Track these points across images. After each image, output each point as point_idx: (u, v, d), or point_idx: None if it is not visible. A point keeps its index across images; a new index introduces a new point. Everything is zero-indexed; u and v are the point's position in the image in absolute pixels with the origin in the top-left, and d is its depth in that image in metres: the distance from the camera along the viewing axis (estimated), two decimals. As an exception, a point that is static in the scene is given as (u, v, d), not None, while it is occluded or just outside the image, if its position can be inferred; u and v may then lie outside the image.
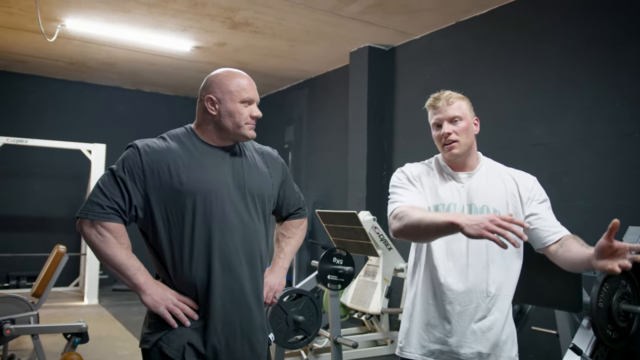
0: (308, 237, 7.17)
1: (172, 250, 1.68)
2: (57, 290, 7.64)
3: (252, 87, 1.79)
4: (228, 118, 1.73)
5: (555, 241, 1.79)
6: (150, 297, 1.66)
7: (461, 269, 1.78)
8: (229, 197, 1.73)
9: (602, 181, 3.87)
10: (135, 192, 1.67)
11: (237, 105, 1.74)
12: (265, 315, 1.87)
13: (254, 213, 1.79)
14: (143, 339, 1.71)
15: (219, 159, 1.76)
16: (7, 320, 3.54)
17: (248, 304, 1.75)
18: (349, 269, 3.60)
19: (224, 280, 1.69)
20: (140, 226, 1.74)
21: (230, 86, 1.74)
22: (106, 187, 1.66)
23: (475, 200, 1.81)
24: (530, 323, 3.66)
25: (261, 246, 1.81)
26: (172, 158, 1.70)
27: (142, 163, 1.67)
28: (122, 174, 1.67)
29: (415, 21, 5.23)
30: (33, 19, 5.21)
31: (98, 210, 1.64)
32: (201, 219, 1.68)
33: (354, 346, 3.56)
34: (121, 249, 1.66)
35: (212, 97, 1.74)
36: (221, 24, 5.44)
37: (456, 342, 1.77)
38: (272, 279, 1.94)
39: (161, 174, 1.68)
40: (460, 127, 1.83)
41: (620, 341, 2.74)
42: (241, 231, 1.74)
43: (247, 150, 1.88)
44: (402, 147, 5.79)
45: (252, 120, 1.78)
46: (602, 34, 3.96)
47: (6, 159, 7.47)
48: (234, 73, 1.79)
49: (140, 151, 1.69)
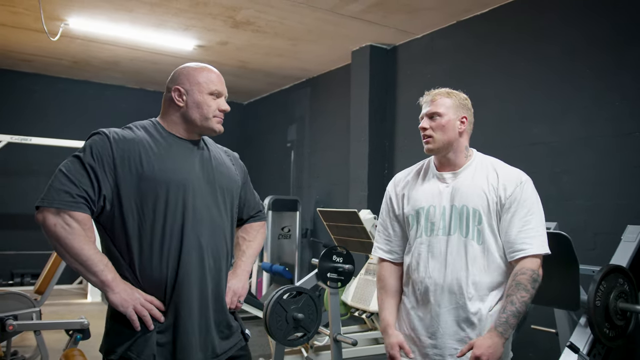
0: (310, 235, 7.20)
1: (140, 244, 1.58)
2: (61, 288, 7.69)
3: (220, 81, 1.76)
4: (195, 109, 1.70)
5: (512, 259, 1.79)
6: (118, 296, 1.54)
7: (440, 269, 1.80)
8: (200, 191, 1.68)
9: (602, 180, 3.87)
10: (104, 181, 1.55)
11: (205, 96, 1.71)
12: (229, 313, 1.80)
13: (222, 208, 1.75)
14: (109, 348, 1.60)
15: (188, 152, 1.71)
16: (9, 316, 3.58)
17: (212, 301, 1.69)
18: (349, 267, 3.61)
19: (193, 276, 1.63)
20: (102, 222, 1.61)
21: (198, 78, 1.71)
22: (73, 174, 1.53)
23: (456, 200, 1.83)
24: (530, 322, 3.68)
25: (228, 243, 1.78)
26: (142, 147, 1.62)
27: (113, 151, 1.57)
28: (91, 160, 1.55)
29: (416, 20, 5.23)
30: (36, 18, 5.24)
31: (66, 199, 1.50)
32: (173, 210, 1.61)
33: (353, 344, 3.58)
34: (88, 243, 1.53)
35: (179, 88, 1.71)
36: (223, 23, 5.46)
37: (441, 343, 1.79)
38: (235, 284, 1.85)
39: (132, 163, 1.58)
40: (436, 123, 1.87)
41: (618, 339, 2.75)
42: (210, 226, 1.69)
43: (212, 147, 1.85)
44: (403, 146, 5.80)
45: (220, 113, 1.75)
46: (603, 33, 3.96)
47: (10, 157, 7.52)
48: (202, 66, 1.76)
49: (110, 138, 1.59)
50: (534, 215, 1.80)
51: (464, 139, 1.91)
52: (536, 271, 1.74)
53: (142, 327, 1.58)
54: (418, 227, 1.87)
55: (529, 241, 1.76)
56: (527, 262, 1.75)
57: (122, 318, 1.57)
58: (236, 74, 7.59)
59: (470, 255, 1.78)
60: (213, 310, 1.70)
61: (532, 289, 1.73)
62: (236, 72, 7.45)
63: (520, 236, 1.77)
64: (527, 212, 1.79)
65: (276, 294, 3.32)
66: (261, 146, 9.00)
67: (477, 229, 1.79)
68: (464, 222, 1.80)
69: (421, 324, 1.83)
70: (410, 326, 1.88)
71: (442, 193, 1.86)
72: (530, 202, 1.81)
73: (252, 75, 7.66)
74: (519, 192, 1.81)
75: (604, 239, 3.79)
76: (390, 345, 1.85)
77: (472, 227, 1.79)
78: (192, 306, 1.63)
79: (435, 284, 1.79)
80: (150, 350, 1.57)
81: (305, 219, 7.28)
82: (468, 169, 1.89)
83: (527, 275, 1.72)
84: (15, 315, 3.62)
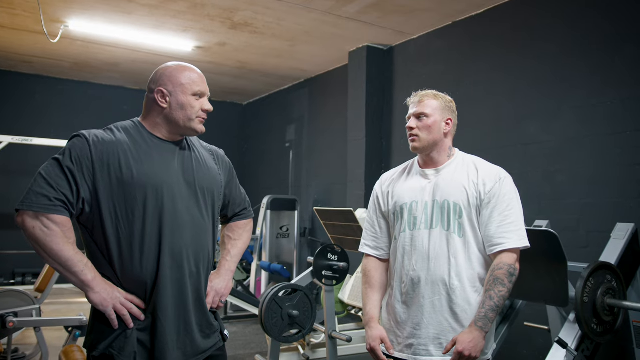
0: (308, 234, 7.25)
1: (119, 247, 1.60)
2: (61, 287, 7.73)
3: (202, 81, 1.75)
4: (179, 111, 1.70)
5: (491, 253, 1.86)
6: (98, 295, 1.56)
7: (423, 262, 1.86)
8: (180, 193, 1.68)
9: (595, 179, 3.92)
10: (83, 184, 1.57)
11: (189, 97, 1.70)
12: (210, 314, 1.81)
13: (203, 210, 1.75)
14: (92, 344, 1.62)
15: (169, 154, 1.72)
16: (10, 313, 3.64)
17: (192, 302, 1.71)
18: (344, 265, 3.66)
19: (172, 278, 1.65)
20: (82, 222, 1.63)
21: (181, 79, 1.70)
22: (51, 178, 1.55)
23: (437, 195, 1.89)
24: (523, 319, 3.72)
25: (209, 244, 1.78)
26: (122, 150, 1.63)
27: (92, 154, 1.59)
28: (70, 164, 1.56)
29: (412, 21, 5.28)
30: (37, 20, 5.30)
31: (44, 202, 1.52)
32: (152, 214, 1.62)
33: (348, 340, 3.63)
34: (67, 244, 1.54)
35: (162, 89, 1.70)
36: (221, 24, 5.52)
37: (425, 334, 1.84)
38: (218, 283, 1.85)
39: (111, 167, 1.60)
40: (423, 123, 1.93)
41: (606, 335, 2.79)
42: (191, 228, 1.70)
43: (195, 147, 1.84)
44: (400, 145, 5.85)
45: (203, 113, 1.74)
46: (596, 33, 4.01)
47: (12, 157, 7.57)
48: (184, 66, 1.75)
49: (89, 141, 1.60)
50: (513, 210, 1.85)
51: (448, 140, 1.98)
52: (513, 265, 1.80)
53: (122, 325, 1.60)
54: (402, 222, 1.93)
55: (507, 235, 1.82)
56: (504, 257, 1.81)
57: (104, 316, 1.59)
58: (235, 75, 7.65)
59: (452, 248, 1.84)
60: (194, 311, 1.71)
61: (510, 283, 1.78)
62: (235, 72, 7.50)
63: (499, 230, 1.83)
64: (506, 207, 1.85)
65: (272, 291, 3.37)
66: (260, 146, 9.06)
67: (458, 222, 1.85)
68: (445, 216, 1.86)
69: (405, 316, 1.89)
70: (395, 319, 1.93)
71: (425, 189, 1.93)
72: (509, 197, 1.87)
73: (251, 76, 7.71)
74: (498, 187, 1.87)
75: (596, 237, 3.83)
76: (372, 338, 1.90)
77: (453, 221, 1.85)
78: (170, 307, 1.64)
79: (419, 277, 1.85)
80: (131, 348, 1.59)
81: (303, 218, 7.33)
82: (450, 166, 1.95)
83: (504, 270, 1.78)
84: (15, 312, 3.68)
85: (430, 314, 1.84)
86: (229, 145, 8.84)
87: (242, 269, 6.72)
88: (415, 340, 1.86)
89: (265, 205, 6.83)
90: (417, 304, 1.86)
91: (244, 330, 5.60)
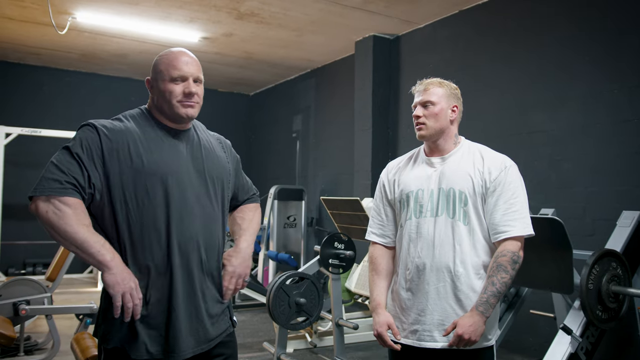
0: (315, 224, 7.28)
1: (130, 235, 1.60)
2: (71, 277, 7.85)
3: (185, 64, 1.67)
4: (161, 98, 1.68)
5: (496, 241, 1.87)
6: (113, 278, 1.52)
7: (429, 249, 1.88)
8: (190, 181, 1.68)
9: (601, 167, 3.92)
10: (93, 170, 1.56)
11: (167, 84, 1.66)
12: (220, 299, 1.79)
13: (213, 198, 1.74)
14: (103, 335, 1.61)
15: (177, 142, 1.71)
16: (22, 301, 3.71)
17: (203, 289, 1.70)
18: (350, 253, 3.69)
19: (182, 266, 1.64)
20: (92, 211, 1.62)
21: (160, 66, 1.68)
22: (62, 164, 1.54)
23: (443, 183, 1.91)
24: (529, 307, 3.74)
25: (219, 233, 1.76)
26: (131, 139, 1.62)
27: (101, 143, 1.58)
28: (80, 151, 1.56)
29: (418, 10, 5.27)
30: (45, 12, 5.34)
31: (55, 186, 1.51)
32: (161, 202, 1.61)
33: (354, 328, 3.67)
34: (82, 225, 1.51)
35: (149, 78, 1.72)
36: (227, 14, 5.53)
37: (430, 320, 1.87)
38: (237, 264, 1.80)
39: (120, 155, 1.59)
40: (430, 111, 1.94)
41: (610, 322, 2.81)
42: (200, 216, 1.69)
43: (203, 135, 1.82)
44: (406, 134, 5.85)
45: (187, 97, 1.67)
46: (601, 22, 3.99)
47: (21, 149, 7.63)
48: (170, 52, 1.71)
49: (99, 130, 1.60)
50: (518, 198, 1.86)
51: (454, 127, 1.99)
52: (516, 253, 1.82)
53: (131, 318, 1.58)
54: (408, 209, 1.95)
55: (512, 223, 1.83)
56: (508, 244, 1.82)
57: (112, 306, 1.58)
58: (241, 65, 7.66)
59: (457, 236, 1.86)
60: (203, 298, 1.70)
61: (512, 270, 1.80)
62: (241, 63, 7.52)
63: (504, 219, 1.84)
64: (511, 195, 1.86)
65: (279, 279, 3.41)
66: (267, 137, 9.08)
67: (463, 210, 1.87)
68: (450, 204, 1.88)
69: (410, 302, 1.91)
70: (399, 305, 1.96)
71: (431, 177, 1.94)
72: (515, 185, 1.88)
73: (258, 67, 7.72)
74: (504, 176, 1.88)
75: (602, 224, 3.84)
76: (379, 324, 1.93)
77: (459, 209, 1.87)
78: (180, 295, 1.64)
79: (424, 263, 1.88)
80: (142, 339, 1.59)
81: (310, 208, 7.37)
82: (456, 154, 1.97)
83: (508, 257, 1.80)
84: (27, 300, 3.75)
85: (434, 301, 1.86)
86: (236, 135, 8.87)
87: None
88: (419, 326, 1.88)
89: (272, 195, 6.86)
90: (421, 291, 1.88)
91: (252, 318, 5.66)
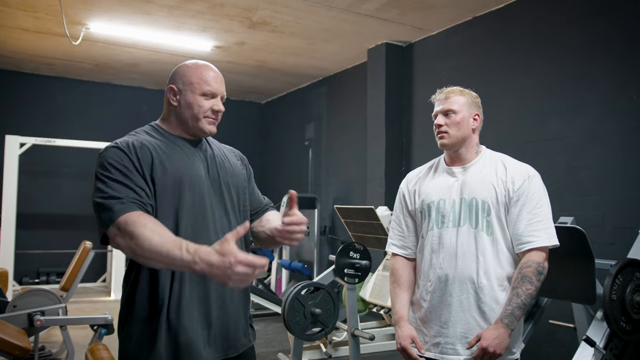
0: (328, 232, 7.24)
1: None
2: (85, 286, 7.87)
3: (215, 81, 1.70)
4: (187, 110, 1.68)
5: (520, 252, 1.83)
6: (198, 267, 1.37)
7: (451, 260, 1.84)
8: (208, 190, 1.68)
9: (620, 174, 3.85)
10: (141, 182, 1.56)
11: (197, 97, 1.67)
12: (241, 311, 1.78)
13: (229, 205, 1.74)
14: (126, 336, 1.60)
15: (191, 152, 1.71)
16: (37, 312, 3.71)
17: (219, 299, 1.67)
18: (366, 263, 3.65)
19: (197, 277, 1.60)
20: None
21: (192, 77, 1.68)
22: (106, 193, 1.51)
23: (465, 193, 1.87)
24: (548, 316, 3.67)
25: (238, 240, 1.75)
26: (152, 149, 1.62)
27: (130, 158, 1.58)
28: (117, 174, 1.54)
29: (431, 17, 5.24)
30: (58, 23, 5.38)
31: (111, 213, 1.47)
32: (183, 212, 1.61)
33: (370, 338, 3.62)
34: (153, 236, 1.42)
35: (173, 87, 1.70)
36: (240, 23, 5.54)
37: (452, 332, 1.82)
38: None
39: (144, 167, 1.58)
40: (452, 120, 1.92)
41: (635, 333, 2.74)
42: (218, 225, 1.68)
43: (215, 147, 1.83)
44: (420, 142, 5.81)
45: (213, 114, 1.70)
46: (618, 28, 3.94)
47: (36, 159, 7.71)
48: (199, 65, 1.72)
49: (122, 148, 1.59)
50: (542, 208, 1.83)
51: (475, 136, 1.96)
52: (541, 264, 1.77)
53: (154, 324, 1.57)
54: (429, 220, 1.92)
55: (536, 234, 1.79)
56: (533, 255, 1.78)
57: (135, 308, 1.58)
58: (254, 74, 7.67)
59: (480, 246, 1.82)
60: (222, 308, 1.68)
61: (537, 282, 1.76)
62: (254, 71, 7.53)
63: (527, 229, 1.81)
64: (535, 205, 1.82)
65: (294, 289, 3.37)
66: (279, 145, 9.08)
67: (486, 220, 1.83)
68: (473, 214, 1.84)
69: (433, 314, 1.87)
70: (421, 317, 1.92)
71: (452, 187, 1.91)
72: (538, 195, 1.84)
73: (270, 75, 7.72)
74: (527, 185, 1.85)
75: (623, 233, 3.77)
76: (403, 337, 1.89)
77: (482, 219, 1.83)
78: (194, 305, 1.62)
79: (447, 275, 1.84)
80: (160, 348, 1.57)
81: (323, 216, 7.33)
82: (477, 163, 1.93)
83: (532, 268, 1.76)
84: (42, 311, 3.75)
85: (457, 313, 1.82)
86: (248, 144, 8.88)
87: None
88: (442, 339, 1.84)
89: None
90: (444, 303, 1.85)
91: (266, 328, 5.62)
